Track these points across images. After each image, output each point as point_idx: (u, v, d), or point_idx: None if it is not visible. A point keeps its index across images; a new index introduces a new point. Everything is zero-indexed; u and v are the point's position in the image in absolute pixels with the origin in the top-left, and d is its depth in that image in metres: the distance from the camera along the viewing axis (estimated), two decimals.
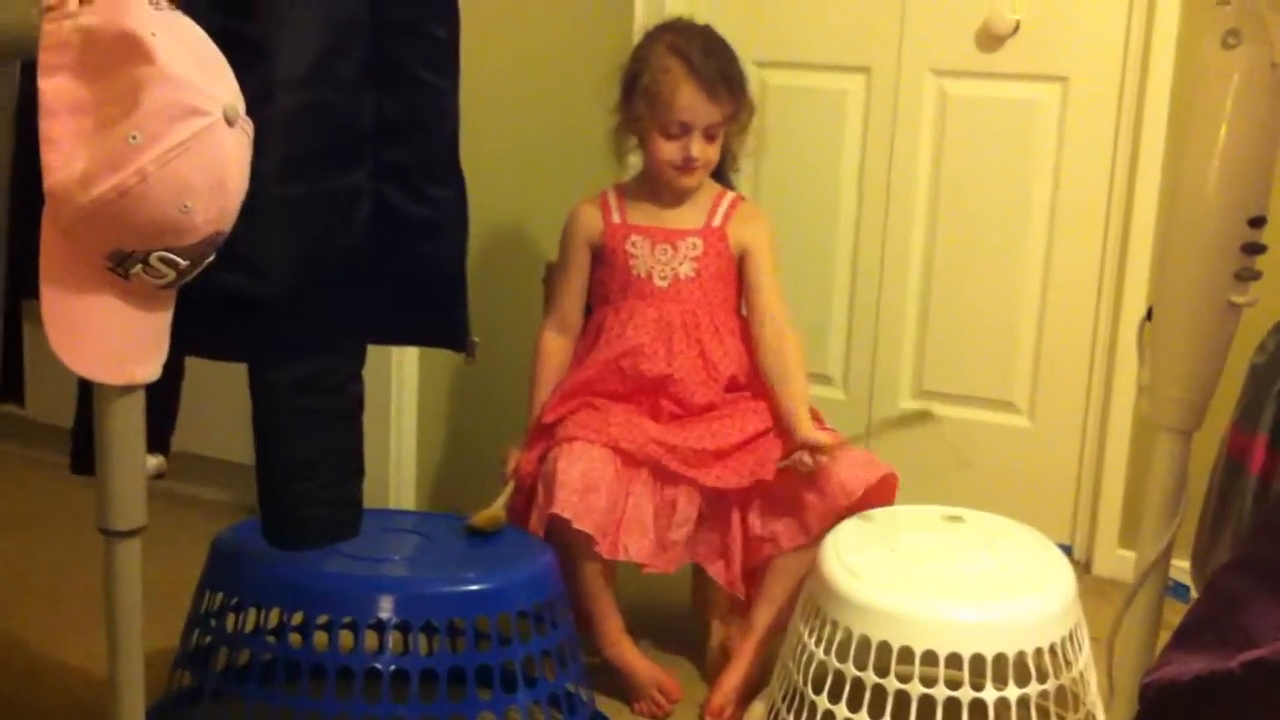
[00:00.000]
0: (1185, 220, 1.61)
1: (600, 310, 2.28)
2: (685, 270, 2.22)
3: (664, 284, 2.22)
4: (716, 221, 2.26)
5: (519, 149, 2.71)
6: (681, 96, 2.17)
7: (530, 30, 2.74)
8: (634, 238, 2.24)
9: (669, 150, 2.20)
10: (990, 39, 2.72)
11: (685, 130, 2.19)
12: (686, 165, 2.20)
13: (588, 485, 2.03)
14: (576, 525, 2.00)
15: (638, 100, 2.21)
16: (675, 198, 2.26)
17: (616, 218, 2.26)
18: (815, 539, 2.03)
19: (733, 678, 2.11)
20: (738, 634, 2.17)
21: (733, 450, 2.14)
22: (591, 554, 2.04)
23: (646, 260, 2.23)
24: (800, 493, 2.07)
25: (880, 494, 2.10)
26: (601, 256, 2.27)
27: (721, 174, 2.33)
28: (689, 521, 2.15)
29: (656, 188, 2.26)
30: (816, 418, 2.19)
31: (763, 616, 2.13)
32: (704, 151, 2.20)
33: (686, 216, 2.26)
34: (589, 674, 1.98)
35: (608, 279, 2.26)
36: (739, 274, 2.26)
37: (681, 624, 2.36)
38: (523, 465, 2.17)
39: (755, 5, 2.91)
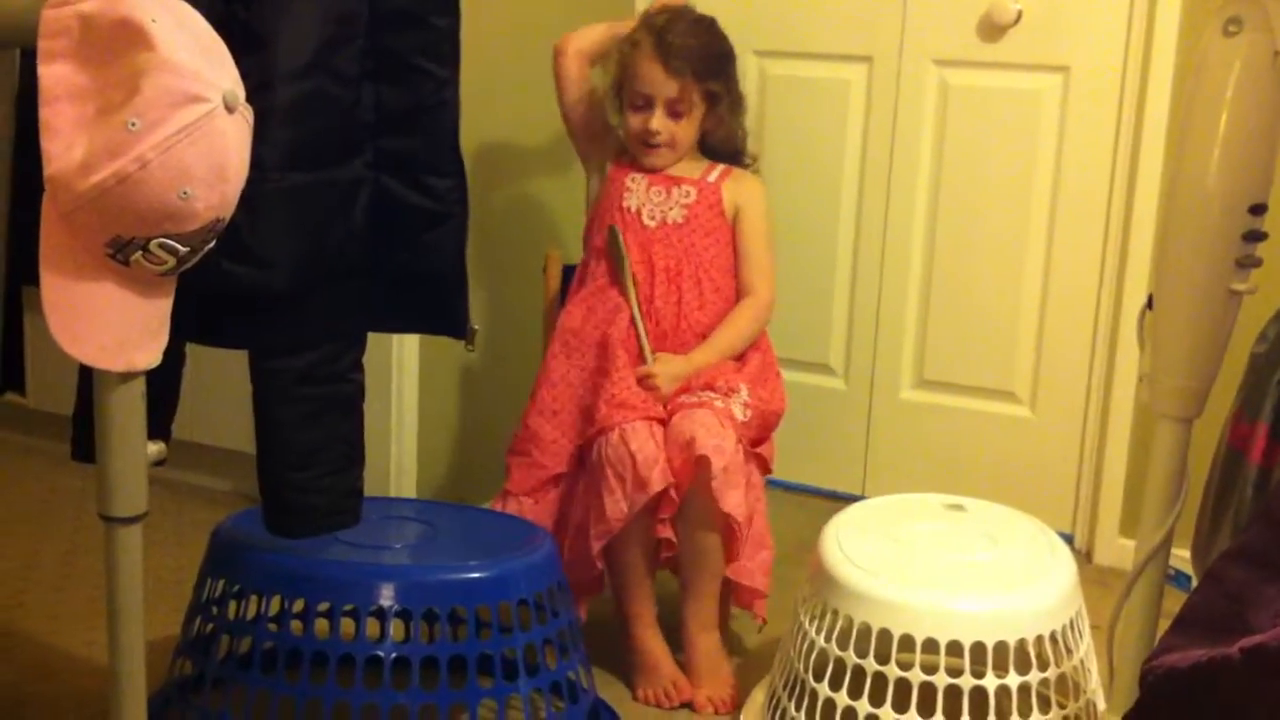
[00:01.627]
0: (1186, 208, 1.60)
1: (592, 243, 2.31)
2: (675, 215, 2.25)
3: (652, 224, 2.25)
4: (711, 178, 2.30)
5: (520, 138, 2.71)
6: (641, 67, 2.23)
7: (531, 18, 2.73)
8: (633, 174, 2.30)
9: (634, 121, 2.26)
10: (992, 28, 2.72)
11: (648, 103, 2.24)
12: (647, 138, 2.25)
13: (660, 455, 2.04)
14: (674, 493, 2.03)
15: (616, 73, 2.28)
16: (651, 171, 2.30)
17: (624, 159, 2.33)
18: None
19: (714, 681, 2.12)
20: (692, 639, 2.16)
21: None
22: (646, 536, 2.06)
23: (639, 196, 2.27)
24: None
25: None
26: (603, 188, 2.32)
27: (736, 161, 2.35)
28: None
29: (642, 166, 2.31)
30: (710, 371, 2.18)
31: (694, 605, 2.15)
32: (665, 125, 2.24)
33: (682, 170, 2.30)
34: (592, 659, 1.98)
35: (603, 211, 2.30)
36: (732, 237, 2.28)
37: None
38: (537, 425, 2.19)
39: None
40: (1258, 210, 1.58)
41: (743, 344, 2.24)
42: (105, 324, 1.25)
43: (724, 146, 2.33)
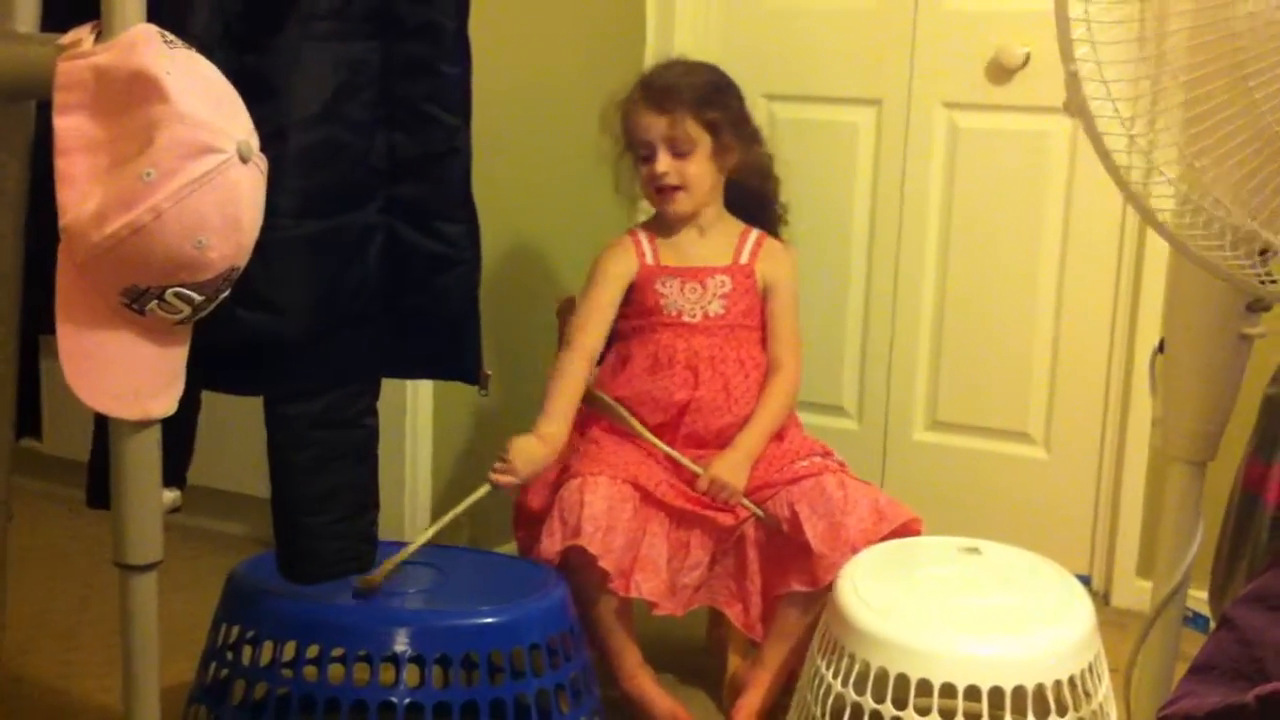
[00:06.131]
0: None
1: (626, 343, 2.29)
2: (714, 308, 2.24)
3: (694, 320, 2.24)
4: (744, 258, 2.28)
5: (532, 183, 2.73)
6: (636, 116, 2.22)
7: (544, 66, 2.75)
8: (664, 278, 2.26)
9: (643, 172, 2.23)
10: (1001, 71, 2.73)
11: (650, 150, 2.21)
12: (657, 184, 2.21)
13: (610, 523, 2.03)
14: (601, 563, 2.00)
15: (624, 138, 2.26)
16: (677, 225, 2.27)
17: (650, 259, 2.27)
18: (825, 588, 2.02)
19: (749, 705, 2.10)
20: (750, 666, 2.16)
21: (748, 493, 2.15)
22: (607, 589, 2.04)
23: (676, 299, 2.24)
24: (811, 544, 2.06)
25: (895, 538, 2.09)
26: (631, 294, 2.28)
27: (763, 220, 2.34)
28: (700, 566, 2.15)
29: (668, 222, 2.28)
30: (784, 442, 2.21)
31: (773, 653, 2.13)
32: (671, 166, 2.19)
33: (713, 253, 2.27)
34: (605, 706, 1.97)
35: (636, 315, 2.27)
36: (763, 311, 2.28)
37: (698, 658, 2.35)
38: (530, 500, 2.18)
39: (765, 39, 2.93)
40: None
41: (781, 422, 2.25)
42: (121, 373, 1.26)
43: (751, 187, 2.31)
